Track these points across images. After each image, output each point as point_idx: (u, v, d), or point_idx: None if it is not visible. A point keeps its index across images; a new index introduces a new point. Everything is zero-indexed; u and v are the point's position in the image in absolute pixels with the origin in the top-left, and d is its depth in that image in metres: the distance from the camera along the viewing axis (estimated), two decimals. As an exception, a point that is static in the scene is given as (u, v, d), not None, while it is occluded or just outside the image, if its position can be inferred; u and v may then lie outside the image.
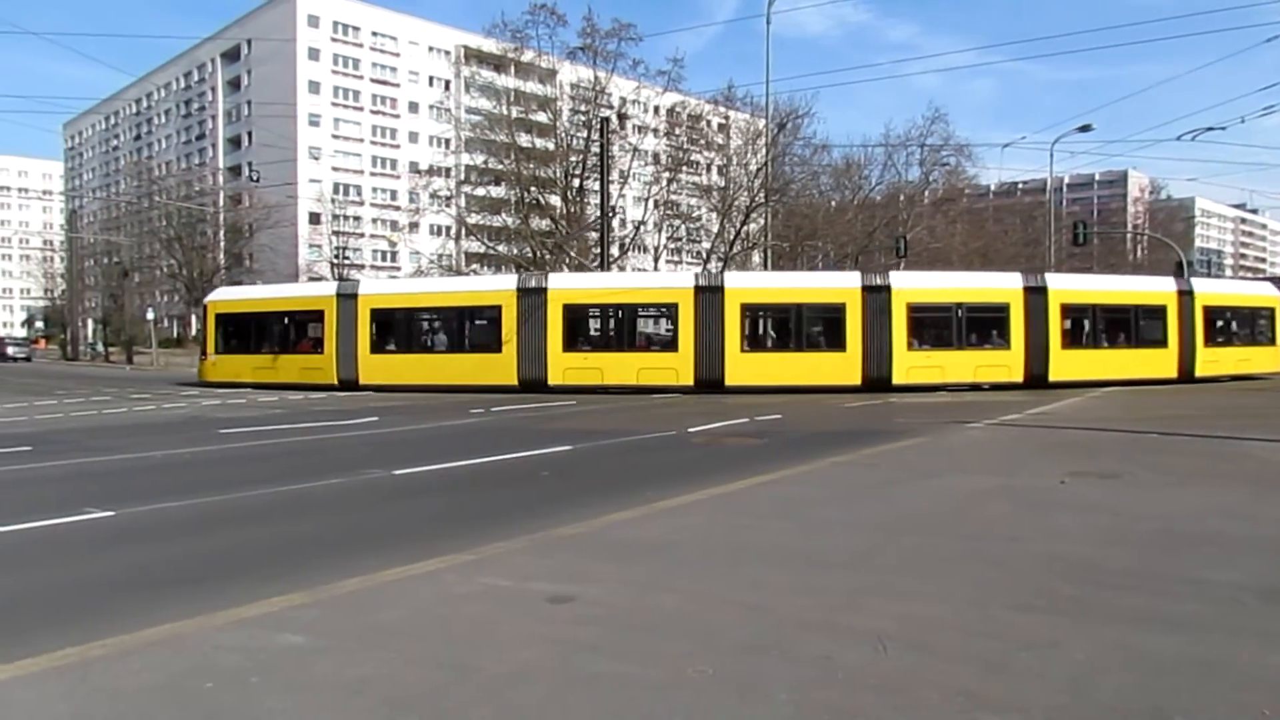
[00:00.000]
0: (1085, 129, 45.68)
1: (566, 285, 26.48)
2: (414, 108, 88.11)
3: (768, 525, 6.86)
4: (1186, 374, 25.65)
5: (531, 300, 24.54)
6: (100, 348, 72.16)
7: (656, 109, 45.80)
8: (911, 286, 25.31)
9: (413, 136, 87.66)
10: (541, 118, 43.20)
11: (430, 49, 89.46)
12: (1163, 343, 25.83)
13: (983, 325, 25.09)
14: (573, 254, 40.19)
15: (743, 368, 23.98)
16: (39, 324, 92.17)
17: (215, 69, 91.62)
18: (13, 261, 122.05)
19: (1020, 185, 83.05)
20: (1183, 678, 3.68)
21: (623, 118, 41.49)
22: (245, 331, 28.31)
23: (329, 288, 29.77)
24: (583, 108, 42.46)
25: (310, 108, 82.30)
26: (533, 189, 42.30)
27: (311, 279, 58.10)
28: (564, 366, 24.23)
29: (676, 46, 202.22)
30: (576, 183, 41.59)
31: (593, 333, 26.05)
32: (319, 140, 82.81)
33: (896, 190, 51.86)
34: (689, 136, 45.70)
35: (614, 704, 3.45)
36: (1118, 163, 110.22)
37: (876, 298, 24.09)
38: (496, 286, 26.53)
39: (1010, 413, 16.30)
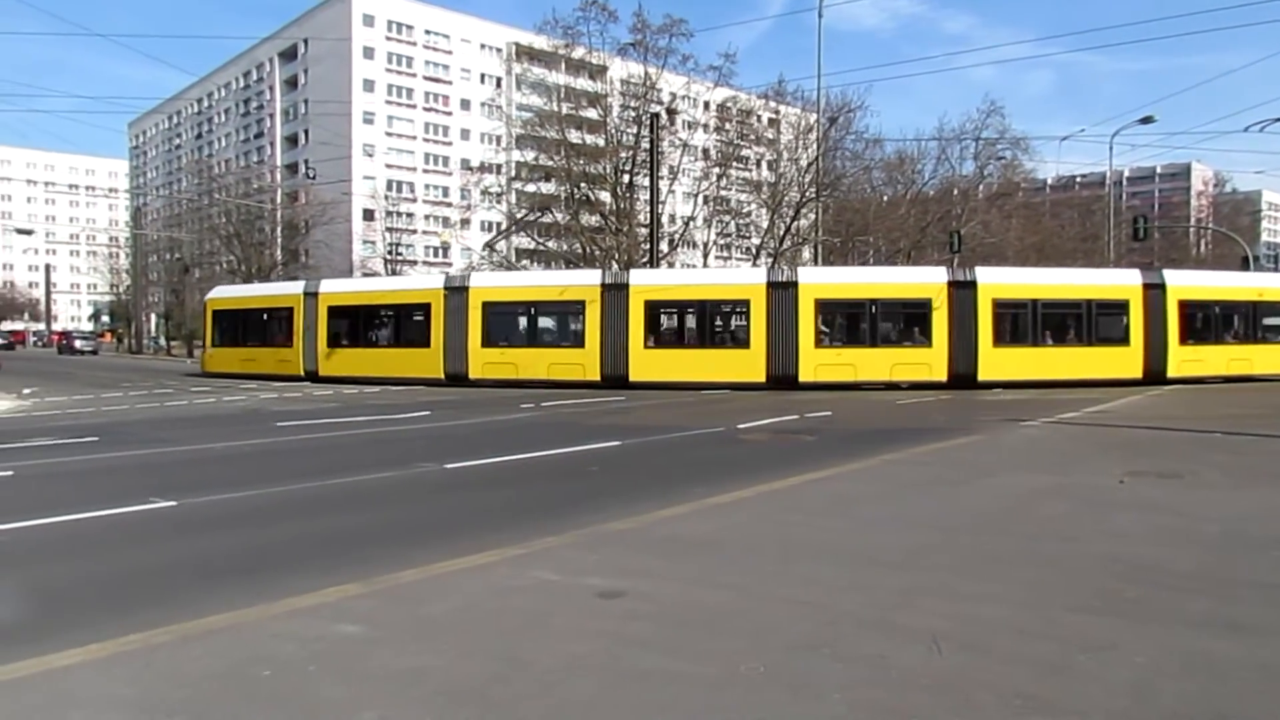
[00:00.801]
0: (1147, 120, 44.37)
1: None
2: (466, 105, 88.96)
3: (818, 523, 6.81)
4: (1154, 374, 24.18)
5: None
6: (162, 341, 74.25)
7: (707, 104, 45.62)
8: (820, 281, 25.46)
9: (464, 134, 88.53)
10: (592, 114, 43.29)
11: (482, 46, 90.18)
12: (1124, 340, 24.54)
13: (902, 322, 25.02)
14: (622, 250, 40.22)
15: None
16: (105, 318, 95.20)
17: (273, 68, 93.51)
18: (80, 258, 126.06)
19: (1079, 179, 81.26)
20: (1247, 684, 3.57)
21: (673, 113, 41.44)
22: (234, 326, 31.03)
23: (298, 287, 30.75)
24: (633, 103, 42.42)
25: (365, 106, 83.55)
26: (582, 185, 42.41)
27: (365, 274, 59.11)
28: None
29: (728, 42, 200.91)
30: (626, 179, 41.59)
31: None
32: (373, 138, 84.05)
33: (950, 184, 50.96)
34: (739, 132, 45.44)
35: (665, 699, 3.45)
36: (1181, 155, 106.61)
37: (784, 293, 24.10)
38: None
39: (1067, 411, 15.96)
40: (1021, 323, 24.64)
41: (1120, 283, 25.46)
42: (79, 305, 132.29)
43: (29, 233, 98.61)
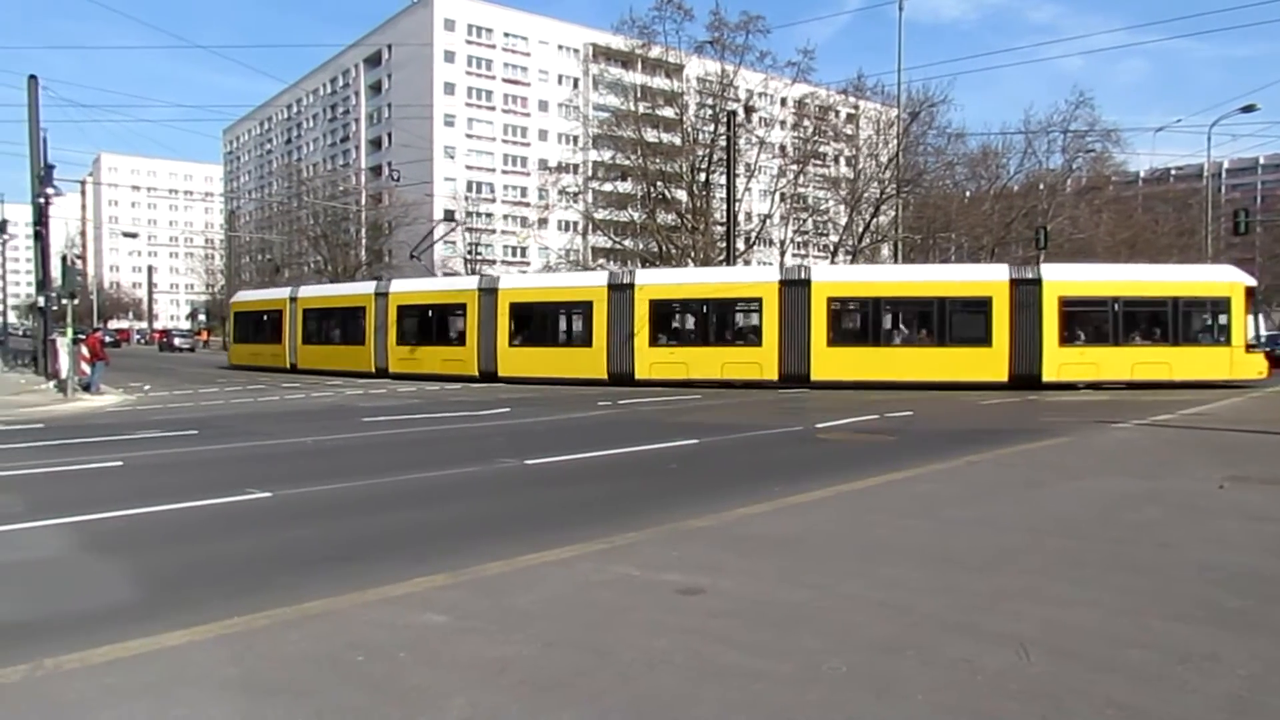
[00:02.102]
0: (1249, 109, 42.29)
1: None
2: (544, 106, 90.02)
3: (901, 523, 6.72)
4: (1024, 378, 22.89)
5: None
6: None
7: (784, 101, 45.19)
8: (654, 283, 26.11)
9: (542, 134, 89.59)
10: (668, 112, 43.34)
11: (560, 47, 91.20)
12: (985, 340, 23.27)
13: (735, 321, 25.35)
14: (698, 248, 40.17)
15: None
16: (201, 317, 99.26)
17: (358, 74, 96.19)
18: (179, 259, 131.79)
19: (1174, 171, 77.69)
20: (1364, 701, 3.41)
21: (749, 111, 41.18)
22: (246, 325, 36.95)
23: (286, 291, 35.03)
24: (709, 102, 42.32)
25: (446, 108, 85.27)
26: (659, 184, 42.51)
27: (446, 274, 60.37)
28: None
29: (806, 37, 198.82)
30: (702, 177, 41.50)
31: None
32: (453, 140, 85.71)
33: (1037, 179, 49.38)
34: (817, 128, 44.90)
35: (747, 696, 3.47)
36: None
37: (621, 295, 25.19)
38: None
39: (1162, 413, 15.35)
40: (863, 321, 24.74)
41: (983, 279, 24.61)
42: (178, 304, 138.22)
43: (134, 236, 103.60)
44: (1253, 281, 24.20)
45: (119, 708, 3.41)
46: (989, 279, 24.09)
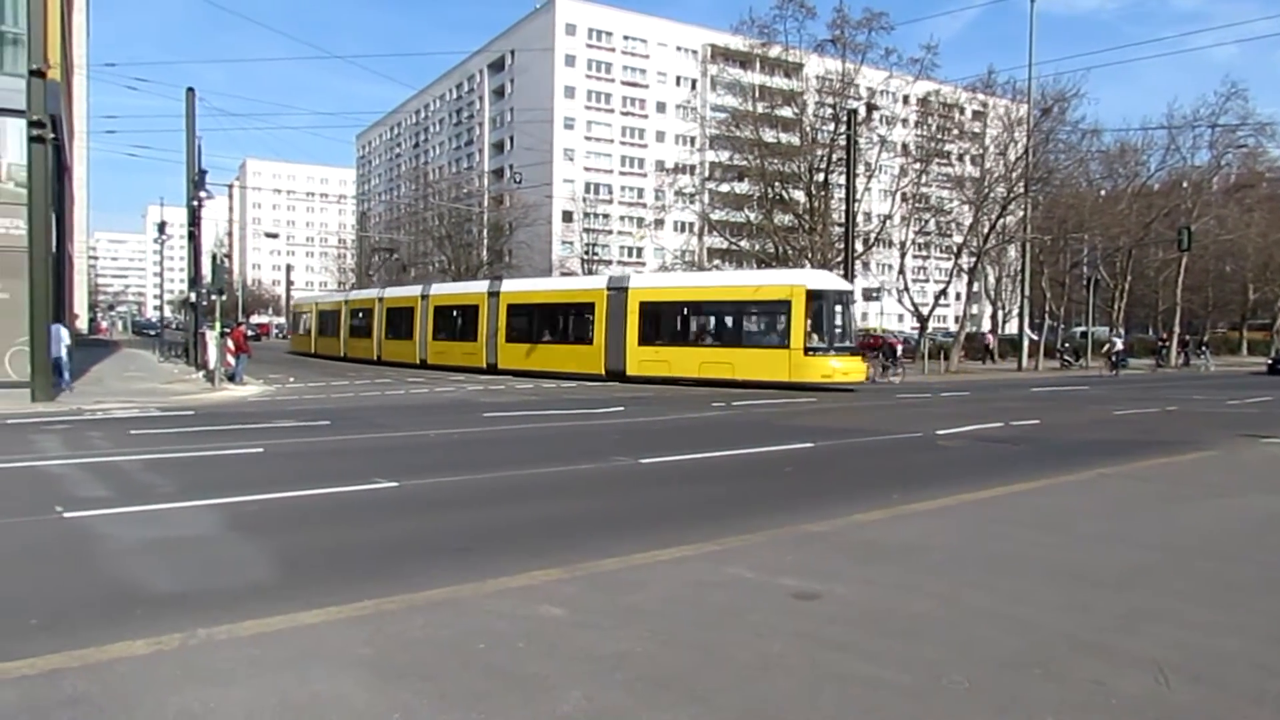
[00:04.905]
0: None
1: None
2: (661, 108, 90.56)
3: (1027, 536, 6.45)
4: (615, 373, 26.26)
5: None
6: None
7: (906, 98, 43.96)
8: (436, 292, 34.02)
9: (660, 136, 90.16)
10: (786, 112, 42.80)
11: (678, 49, 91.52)
12: (589, 340, 27.28)
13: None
14: (816, 249, 39.55)
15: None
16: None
17: (482, 79, 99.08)
18: (314, 258, 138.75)
19: (1340, 167, 71.64)
20: None
21: (871, 109, 40.22)
22: (298, 321, 49.72)
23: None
24: (829, 100, 41.57)
25: (566, 111, 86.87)
26: (776, 184, 42.01)
27: (563, 274, 61.57)
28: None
29: (930, 33, 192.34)
30: (821, 177, 40.79)
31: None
32: (573, 142, 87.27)
33: (1180, 176, 46.38)
34: (942, 126, 43.48)
35: (864, 705, 3.41)
36: None
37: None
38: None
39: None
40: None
41: (589, 287, 29.09)
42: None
43: (275, 236, 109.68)
44: (824, 285, 24.33)
45: (264, 678, 3.64)
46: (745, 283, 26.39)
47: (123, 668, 3.74)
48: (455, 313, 33.20)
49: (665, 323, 26.33)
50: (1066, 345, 43.22)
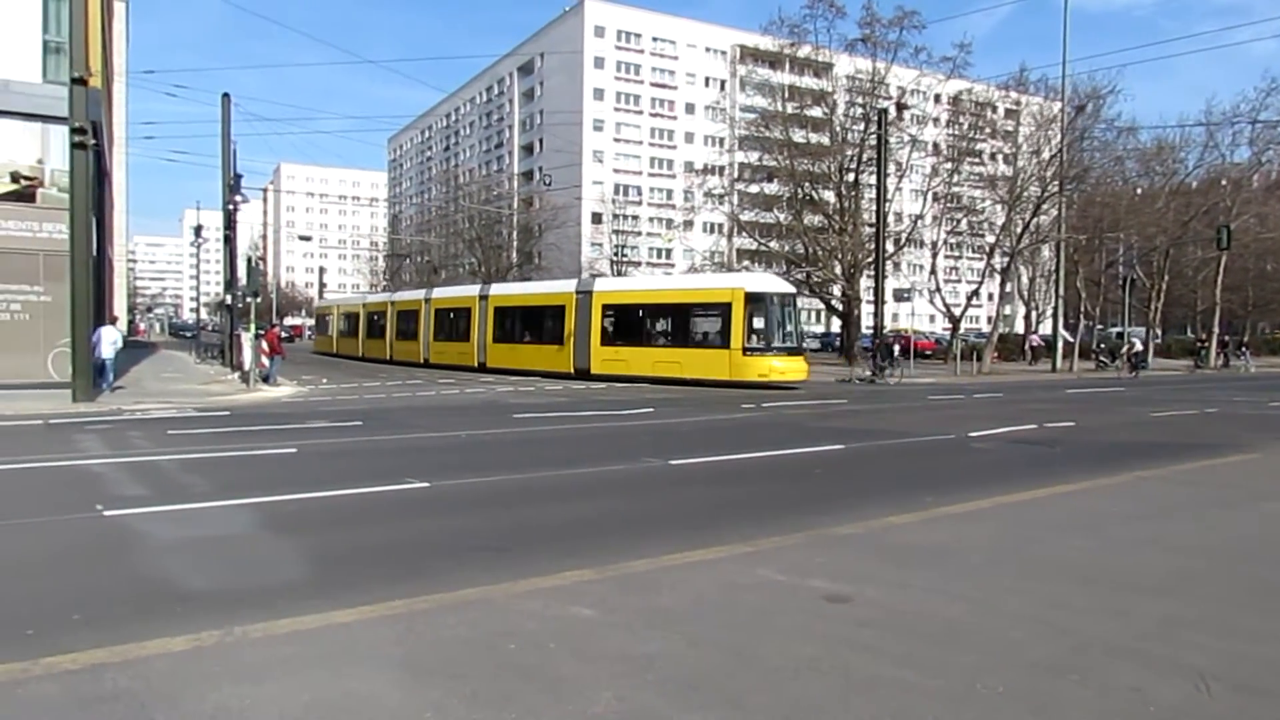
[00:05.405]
0: None
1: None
2: (690, 109, 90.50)
3: (1063, 540, 6.37)
4: (581, 370, 27.71)
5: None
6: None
7: (938, 97, 43.59)
8: (437, 295, 36.33)
9: (689, 137, 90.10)
10: (816, 112, 42.61)
11: (707, 50, 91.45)
12: (560, 340, 28.83)
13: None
14: (845, 249, 39.30)
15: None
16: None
17: (512, 82, 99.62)
18: (346, 260, 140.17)
19: (1387, 164, 69.96)
20: None
21: (902, 108, 39.91)
22: (321, 322, 53.57)
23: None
24: (859, 100, 41.32)
25: (595, 114, 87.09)
26: (806, 184, 41.84)
27: (593, 275, 61.76)
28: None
29: (963, 31, 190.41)
30: (851, 177, 40.56)
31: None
32: (602, 144, 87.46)
33: (1219, 173, 45.49)
34: (974, 124, 43.02)
35: (896, 709, 3.39)
36: None
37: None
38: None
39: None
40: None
41: (561, 290, 30.10)
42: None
43: (308, 239, 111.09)
44: (763, 288, 25.17)
45: (298, 675, 3.69)
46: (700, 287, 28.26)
47: (162, 664, 3.80)
48: (452, 315, 35.16)
49: (624, 324, 27.85)
50: (1102, 346, 42.57)
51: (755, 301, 24.46)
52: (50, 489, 8.87)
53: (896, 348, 32.56)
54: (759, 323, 24.47)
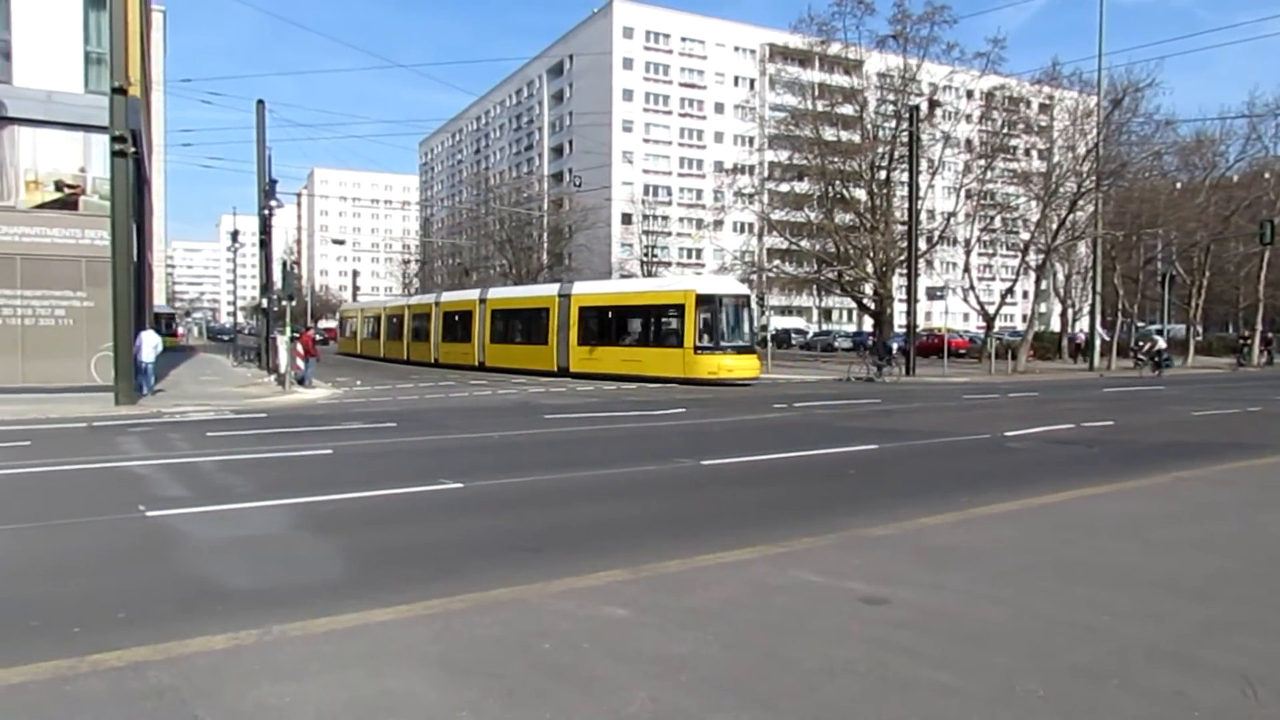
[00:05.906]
0: None
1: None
2: (719, 108, 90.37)
3: (1101, 542, 6.28)
4: (562, 369, 29.50)
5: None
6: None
7: (971, 93, 43.11)
8: (445, 299, 37.84)
9: (718, 136, 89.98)
10: (847, 110, 42.29)
11: (736, 49, 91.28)
12: (545, 340, 30.46)
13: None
14: (877, 248, 39.00)
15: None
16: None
17: (541, 84, 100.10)
18: (379, 263, 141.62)
19: None
20: None
21: (934, 105, 39.53)
22: (344, 325, 56.72)
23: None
24: (890, 97, 40.96)
25: (624, 115, 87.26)
26: (837, 183, 41.54)
27: (622, 276, 61.93)
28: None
29: (996, 25, 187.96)
30: (883, 174, 40.21)
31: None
32: (631, 145, 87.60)
33: (1262, 167, 44.50)
34: (1007, 120, 42.45)
35: (934, 713, 3.36)
36: None
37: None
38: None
39: None
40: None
41: (546, 294, 31.86)
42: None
43: (341, 243, 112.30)
44: (713, 289, 26.77)
45: (336, 674, 3.74)
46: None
47: (203, 661, 3.87)
48: (456, 317, 37.14)
49: (596, 325, 29.40)
50: (1141, 344, 41.89)
51: (706, 303, 25.94)
52: (95, 490, 9.06)
53: (895, 346, 32.52)
54: (710, 323, 25.86)
